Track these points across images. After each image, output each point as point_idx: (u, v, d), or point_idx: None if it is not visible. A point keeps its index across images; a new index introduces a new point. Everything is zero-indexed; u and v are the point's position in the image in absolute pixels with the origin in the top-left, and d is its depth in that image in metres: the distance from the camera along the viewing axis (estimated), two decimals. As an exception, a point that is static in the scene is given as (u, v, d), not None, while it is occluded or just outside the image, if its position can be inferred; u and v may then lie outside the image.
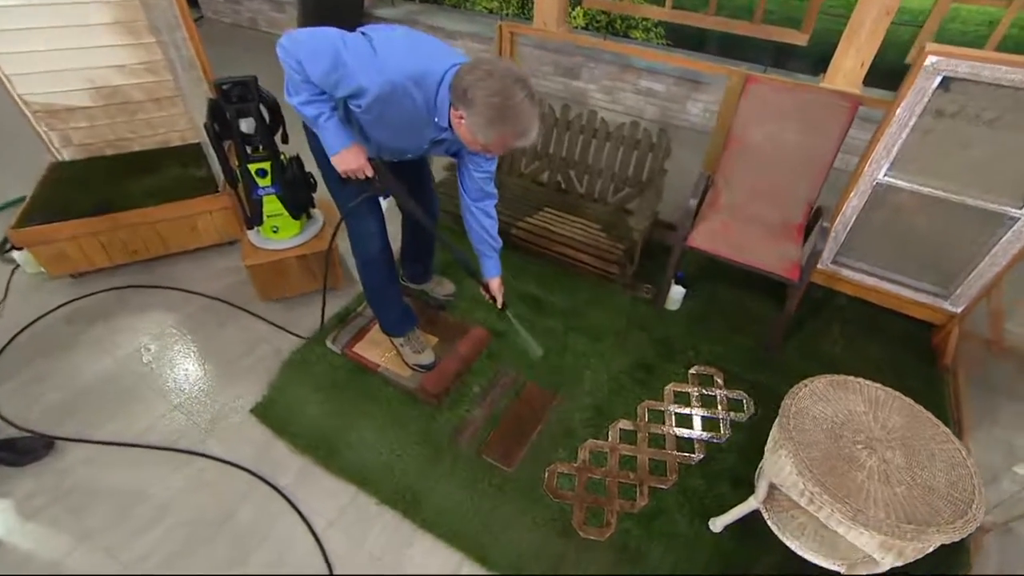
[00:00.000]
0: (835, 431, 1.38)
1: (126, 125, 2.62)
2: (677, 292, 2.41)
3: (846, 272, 2.31)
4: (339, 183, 1.64)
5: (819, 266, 2.24)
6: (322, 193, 2.15)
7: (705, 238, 2.23)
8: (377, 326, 2.17)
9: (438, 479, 1.76)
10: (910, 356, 2.29)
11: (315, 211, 2.45)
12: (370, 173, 1.52)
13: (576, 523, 1.68)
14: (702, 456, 1.89)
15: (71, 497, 1.73)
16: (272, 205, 2.23)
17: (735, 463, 1.88)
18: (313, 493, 1.76)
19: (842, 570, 1.43)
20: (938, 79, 1.74)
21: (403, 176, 1.68)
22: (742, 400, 2.08)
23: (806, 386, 1.48)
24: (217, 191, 2.57)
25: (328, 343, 2.16)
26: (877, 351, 2.31)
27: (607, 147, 2.69)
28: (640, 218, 2.42)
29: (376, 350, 2.11)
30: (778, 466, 1.38)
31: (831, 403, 1.45)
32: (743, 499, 1.71)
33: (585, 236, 2.58)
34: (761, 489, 1.52)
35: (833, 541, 1.50)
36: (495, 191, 1.67)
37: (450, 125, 1.39)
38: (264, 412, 1.97)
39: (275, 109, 2.08)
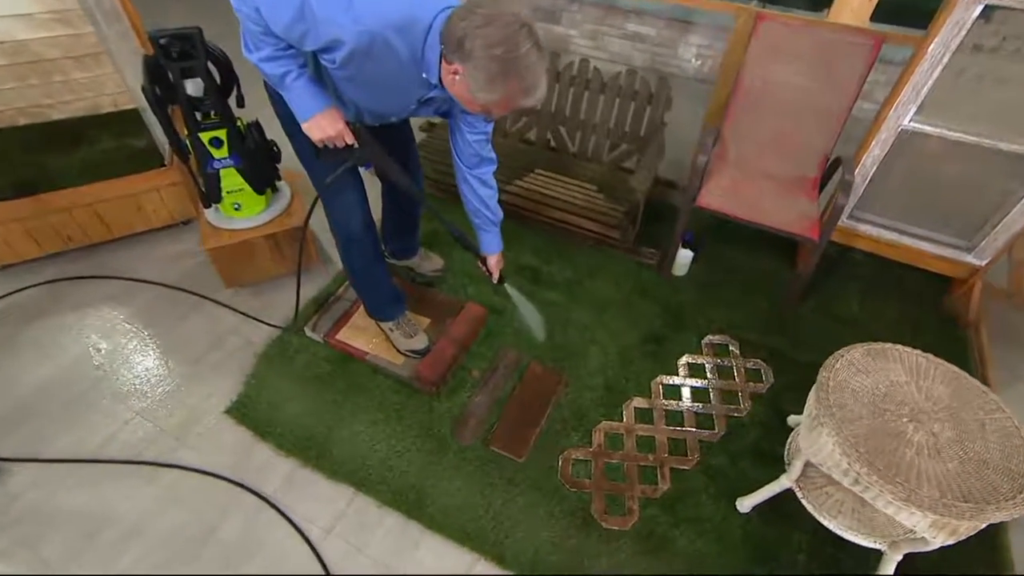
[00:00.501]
0: (877, 404, 1.35)
1: (41, 89, 2.35)
2: (684, 256, 2.36)
3: (863, 227, 2.28)
4: (312, 153, 1.50)
5: (836, 222, 2.19)
6: (288, 162, 2.02)
7: (715, 197, 2.16)
8: (361, 309, 2.10)
9: (442, 475, 1.72)
10: (930, 313, 2.31)
11: (281, 184, 2.29)
12: (350, 140, 1.37)
13: (596, 512, 1.66)
14: (723, 432, 1.88)
15: (21, 527, 1.61)
16: (231, 179, 2.07)
17: (758, 437, 1.87)
18: (305, 499, 1.69)
19: (883, 548, 1.44)
20: (979, 8, 1.66)
21: (383, 142, 1.55)
22: (760, 370, 2.07)
23: (843, 356, 1.45)
24: (163, 165, 2.37)
25: (307, 331, 2.06)
26: (895, 309, 2.32)
27: (601, 100, 2.58)
28: (642, 177, 2.33)
29: (362, 336, 2.02)
30: (817, 445, 1.36)
31: (870, 374, 1.42)
32: (769, 475, 1.72)
33: (582, 199, 2.51)
34: (795, 468, 1.51)
35: (871, 517, 1.50)
36: (494, 155, 1.56)
37: (441, 82, 1.25)
38: (241, 412, 1.87)
39: (227, 67, 1.89)
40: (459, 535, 1.60)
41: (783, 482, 1.57)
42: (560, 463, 1.75)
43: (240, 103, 1.96)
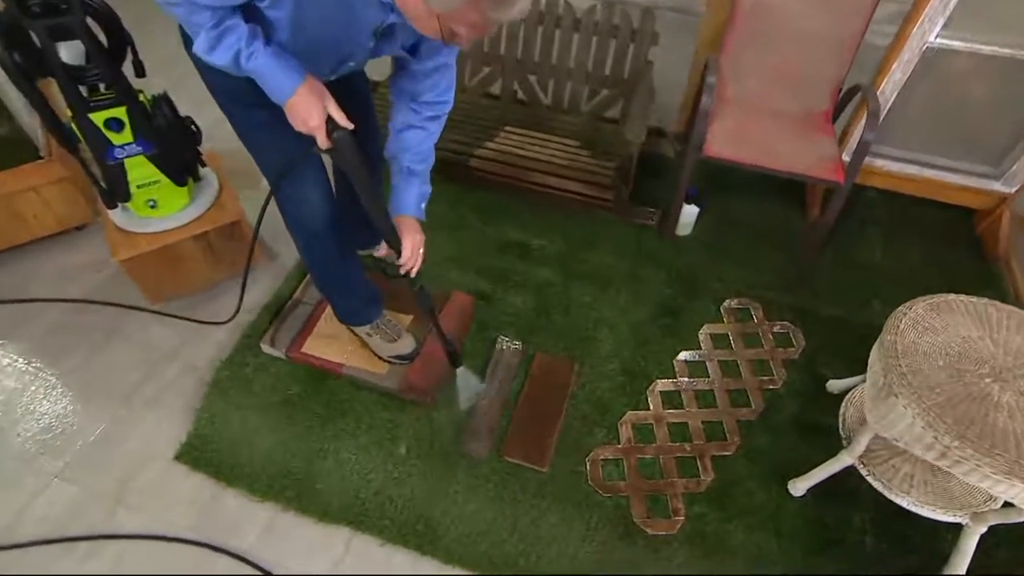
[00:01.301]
0: (954, 366, 1.31)
1: None
2: (690, 213, 2.29)
3: (880, 163, 2.26)
4: (261, 134, 1.33)
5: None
6: (211, 142, 1.85)
7: (724, 143, 2.08)
8: (326, 312, 1.96)
9: (454, 498, 1.63)
10: (957, 250, 2.33)
11: (205, 171, 2.06)
12: (324, 145, 1.19)
13: (638, 518, 1.61)
14: (761, 407, 1.85)
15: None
16: (141, 170, 1.83)
17: (799, 409, 1.85)
18: (291, 549, 1.55)
19: (965, 521, 1.42)
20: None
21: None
22: (788, 333, 2.06)
23: (905, 315, 1.41)
24: (40, 157, 2.08)
25: (264, 347, 1.90)
26: (919, 250, 2.34)
27: (575, 40, 2.43)
28: (635, 126, 2.22)
29: (334, 346, 1.88)
30: (890, 418, 1.31)
31: (939, 332, 1.38)
32: (817, 450, 1.71)
33: (563, 158, 2.40)
34: (860, 444, 1.47)
35: (945, 488, 1.49)
36: (450, 97, 1.37)
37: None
38: (195, 456, 1.71)
39: (114, 24, 1.63)
40: (484, 565, 1.53)
41: (843, 459, 1.54)
42: (588, 466, 1.70)
43: (139, 71, 1.71)
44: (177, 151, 1.85)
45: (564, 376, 1.88)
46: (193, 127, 1.90)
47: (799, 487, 1.66)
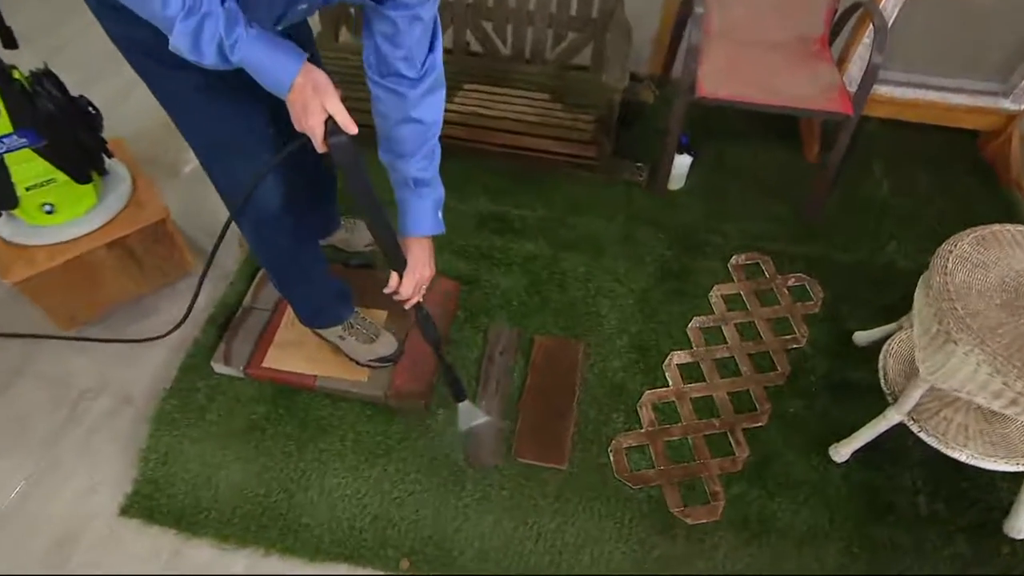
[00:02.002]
0: (1012, 303, 1.29)
1: None
2: (682, 164, 2.25)
3: (881, 89, 2.24)
4: (195, 103, 1.19)
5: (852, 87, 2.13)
6: (112, 122, 1.69)
7: (717, 83, 2.02)
8: (287, 317, 1.86)
9: (466, 512, 1.57)
10: (968, 179, 2.37)
11: (112, 162, 1.87)
12: (321, 148, 1.09)
13: (675, 508, 1.58)
14: (787, 370, 1.84)
15: None
16: (29, 167, 1.64)
17: (828, 367, 1.85)
18: None
19: (1030, 467, 1.42)
20: None
21: None
22: (804, 285, 2.06)
23: (950, 253, 1.38)
24: None
25: (217, 366, 1.78)
26: (928, 182, 2.36)
27: (535, -23, 2.32)
28: (614, 70, 2.13)
29: (300, 355, 1.78)
30: (949, 367, 1.29)
31: (990, 268, 1.36)
32: (854, 409, 1.71)
33: (534, 114, 2.33)
34: (910, 398, 1.45)
35: (1003, 435, 1.49)
36: (437, 65, 1.21)
37: None
38: (148, 506, 1.59)
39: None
40: (511, 582, 1.48)
41: (891, 417, 1.52)
42: (611, 457, 1.66)
43: (8, 41, 1.51)
44: (72, 140, 1.67)
45: (570, 359, 1.84)
46: (90, 108, 1.71)
47: (842, 452, 1.65)
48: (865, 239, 2.17)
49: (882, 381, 1.62)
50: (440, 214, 1.36)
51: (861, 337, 1.88)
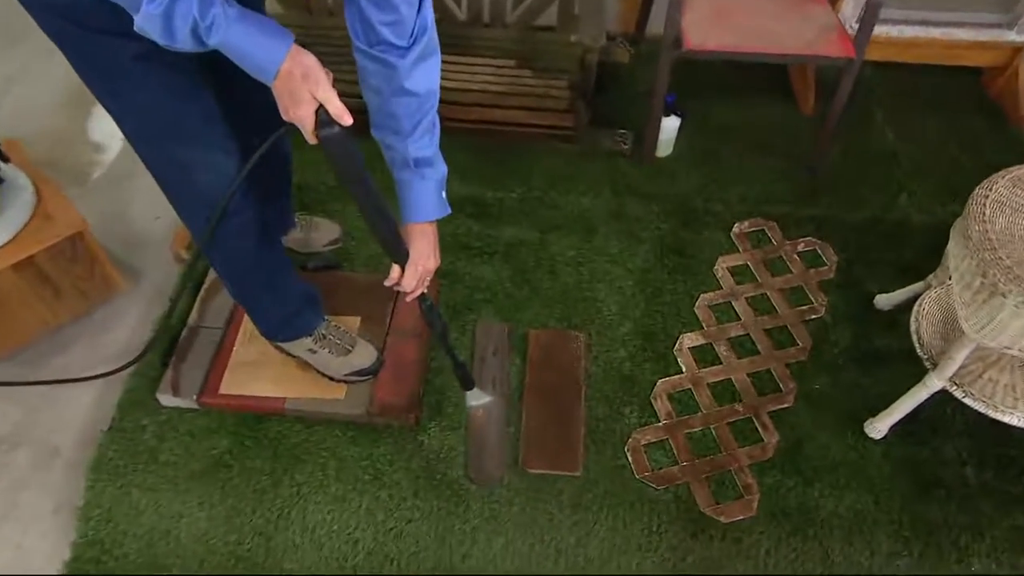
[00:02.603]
0: (1056, 245, 1.30)
1: None
2: (670, 128, 2.25)
3: (878, 29, 2.25)
4: (131, 79, 1.12)
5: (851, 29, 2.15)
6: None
7: (704, 34, 2.00)
8: (243, 331, 1.81)
9: (474, 536, 1.54)
10: (975, 120, 2.41)
11: (8, 168, 1.77)
12: (312, 140, 1.07)
13: (706, 507, 1.57)
14: (808, 344, 1.85)
15: None
16: None
17: (851, 336, 1.87)
18: None
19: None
20: None
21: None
22: (815, 249, 2.08)
23: (986, 198, 1.38)
24: None
25: (164, 399, 1.71)
26: (934, 126, 2.41)
27: (489, -71, 2.28)
28: (589, 27, 2.11)
29: (262, 376, 1.73)
30: (999, 322, 1.29)
31: (1028, 208, 1.36)
32: (883, 380, 1.74)
33: (501, 83, 2.29)
34: (954, 361, 1.45)
35: (1052, 391, 1.50)
36: (427, 24, 1.17)
37: None
38: (92, 571, 1.50)
39: None
40: (532, 607, 1.46)
41: (932, 383, 1.53)
42: (630, 456, 1.65)
43: None
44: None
45: (571, 353, 1.82)
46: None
47: (879, 427, 1.65)
48: (874, 194, 2.20)
49: (917, 346, 1.62)
50: (444, 195, 1.33)
51: (883, 300, 1.89)
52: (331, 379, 1.70)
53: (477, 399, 1.60)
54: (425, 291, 1.40)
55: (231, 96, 1.29)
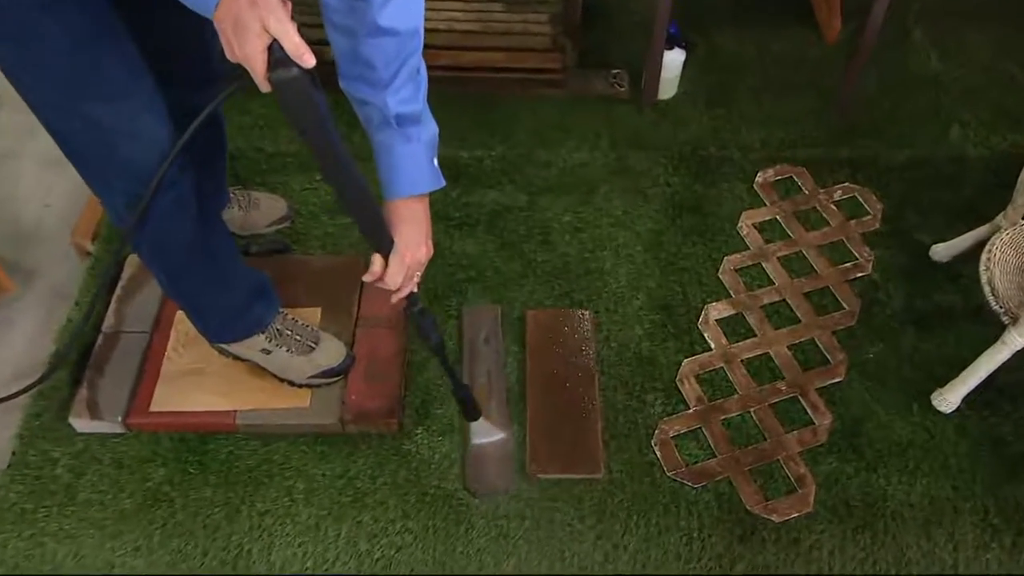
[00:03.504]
0: None
1: None
2: (674, 62, 2.25)
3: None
4: (53, 46, 1.10)
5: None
6: None
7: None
8: (177, 334, 1.79)
9: (480, 559, 1.53)
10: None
11: None
12: (265, 87, 0.98)
13: (754, 505, 1.57)
14: (856, 307, 1.86)
15: None
16: None
17: (905, 294, 1.89)
18: None
19: None
20: None
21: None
22: (855, 196, 2.09)
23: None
24: None
25: (78, 424, 1.68)
26: (982, 42, 2.43)
27: None
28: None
29: (204, 386, 1.72)
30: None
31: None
32: (946, 343, 1.77)
33: (472, 21, 2.28)
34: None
35: None
36: None
37: None
38: None
39: None
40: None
41: (1013, 341, 1.52)
42: (658, 451, 1.65)
43: None
44: None
45: (577, 335, 1.82)
46: None
47: (949, 399, 1.66)
48: (921, 128, 2.21)
49: (991, 298, 1.60)
50: (436, 161, 1.26)
51: (941, 251, 1.90)
52: (292, 384, 1.69)
53: (485, 435, 1.60)
54: (416, 290, 1.34)
55: (157, 44, 1.24)
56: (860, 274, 1.91)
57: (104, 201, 1.38)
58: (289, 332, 1.66)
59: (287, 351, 1.65)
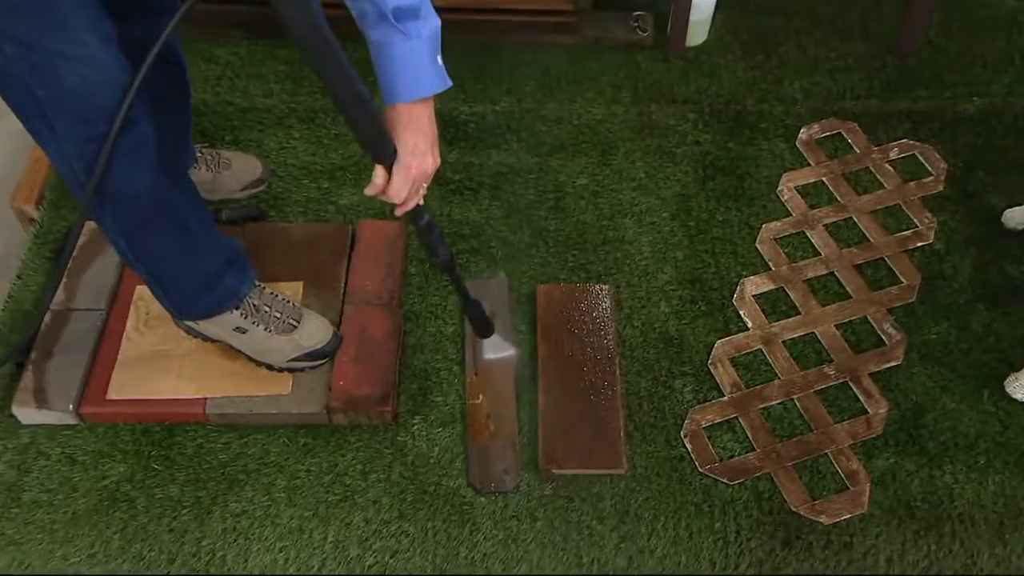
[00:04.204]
0: None
1: None
2: (705, 3, 2.23)
3: None
4: None
5: None
6: None
7: None
8: (134, 316, 1.81)
9: (487, 565, 1.56)
10: None
11: None
12: None
13: (798, 504, 1.57)
14: (916, 280, 1.86)
15: None
16: None
17: (973, 265, 1.89)
18: None
19: None
20: None
21: None
22: (914, 154, 2.08)
23: None
24: None
25: (21, 415, 1.71)
26: None
27: None
28: None
29: (172, 371, 1.75)
30: None
31: None
32: (1021, 320, 1.77)
33: None
34: None
35: None
36: None
37: None
38: None
39: None
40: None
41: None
42: (688, 444, 1.67)
43: None
44: None
45: (595, 313, 1.84)
46: None
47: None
48: (992, 75, 2.20)
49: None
50: (440, 58, 1.28)
51: (1016, 216, 1.90)
52: (271, 368, 1.71)
53: (497, 350, 1.68)
54: (422, 203, 1.38)
55: None
56: (921, 243, 1.91)
57: (50, 152, 1.37)
58: (267, 308, 1.66)
59: (265, 330, 1.66)
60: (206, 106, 2.15)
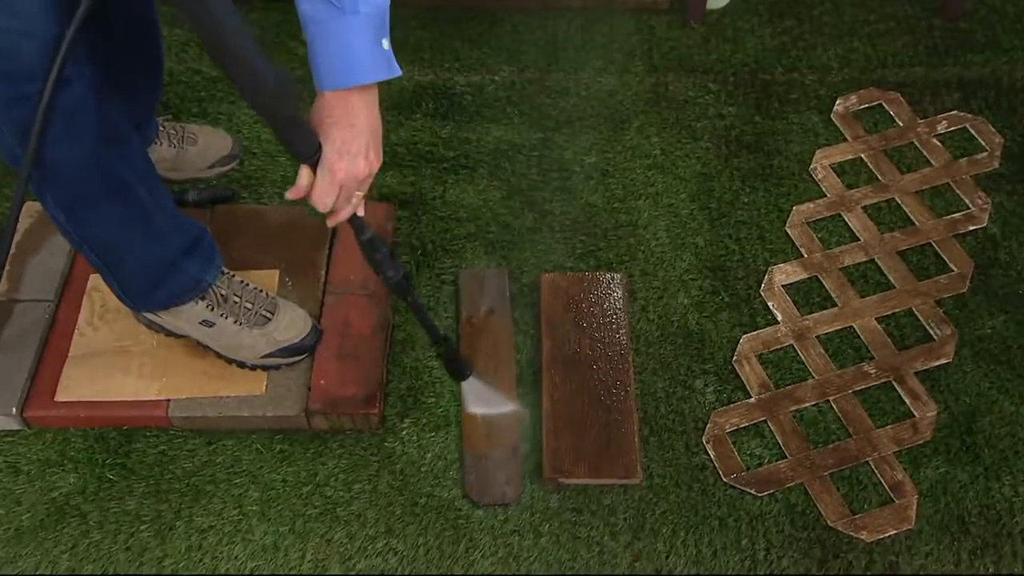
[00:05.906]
0: None
1: None
2: None
3: None
4: None
5: None
6: None
7: None
8: (87, 308, 1.82)
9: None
10: None
11: None
12: None
13: (835, 519, 1.57)
14: (968, 268, 1.86)
15: None
16: None
17: None
18: None
19: None
20: None
21: None
22: (966, 128, 2.09)
23: None
24: None
25: None
26: None
27: None
28: None
29: (130, 369, 1.75)
30: None
31: None
32: None
33: None
34: None
35: None
36: None
37: None
38: None
39: None
40: None
41: None
42: (711, 450, 1.67)
43: None
44: None
45: (606, 304, 1.84)
46: None
47: None
48: None
49: None
50: (386, 42, 1.22)
51: None
52: (242, 365, 1.71)
53: (482, 401, 1.65)
54: (361, 215, 1.32)
55: None
56: (973, 227, 1.91)
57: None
58: (238, 298, 1.66)
59: (235, 323, 1.66)
60: (170, 75, 2.14)
